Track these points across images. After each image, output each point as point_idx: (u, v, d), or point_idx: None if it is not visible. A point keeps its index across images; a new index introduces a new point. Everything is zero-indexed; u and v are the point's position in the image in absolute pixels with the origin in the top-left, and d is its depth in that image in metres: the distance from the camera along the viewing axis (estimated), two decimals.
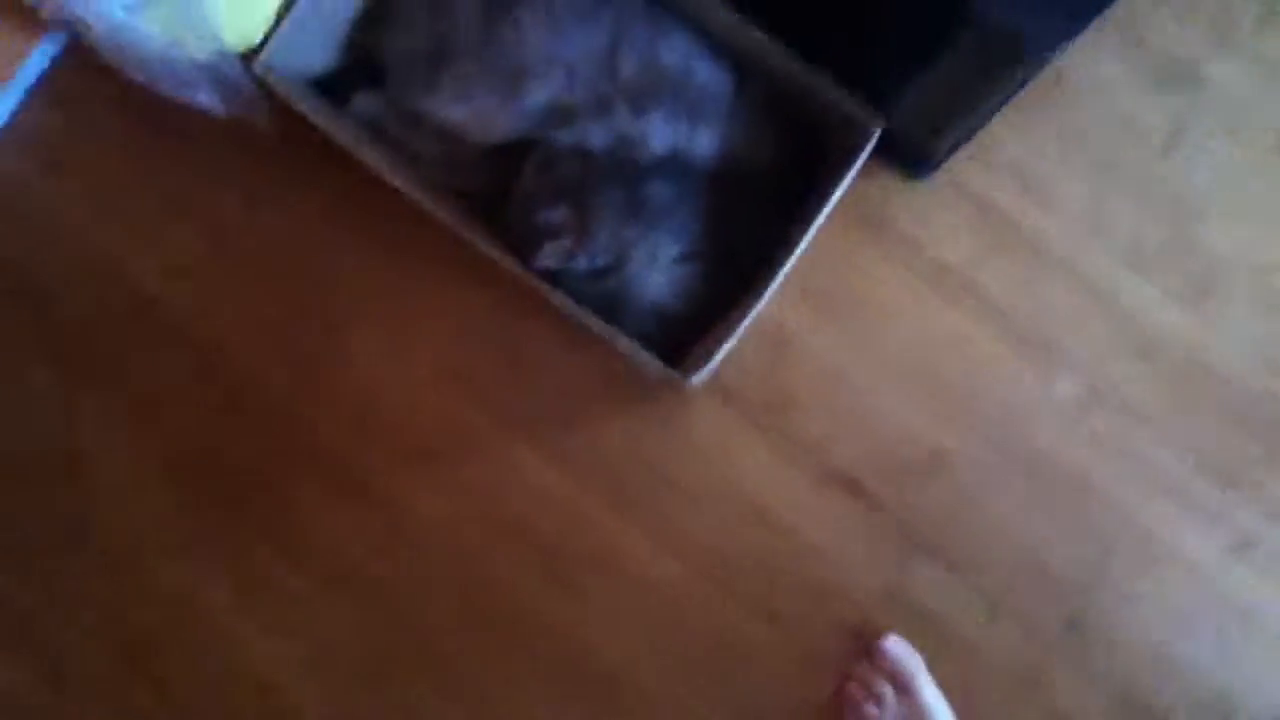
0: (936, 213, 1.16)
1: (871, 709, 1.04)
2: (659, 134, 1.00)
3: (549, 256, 0.95)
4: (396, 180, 0.97)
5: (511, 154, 1.03)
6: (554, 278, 0.97)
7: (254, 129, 1.03)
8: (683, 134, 1.01)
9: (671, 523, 1.13)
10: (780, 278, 0.96)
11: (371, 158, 0.98)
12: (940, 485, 1.13)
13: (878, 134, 0.97)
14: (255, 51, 0.98)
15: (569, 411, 1.14)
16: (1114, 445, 1.13)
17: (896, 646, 1.07)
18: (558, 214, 0.97)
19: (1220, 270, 1.16)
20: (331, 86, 1.08)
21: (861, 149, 0.98)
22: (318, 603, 1.13)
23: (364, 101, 1.06)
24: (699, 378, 0.95)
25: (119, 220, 1.16)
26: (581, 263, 0.96)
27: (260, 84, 0.98)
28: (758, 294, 0.96)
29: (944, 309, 1.15)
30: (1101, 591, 1.12)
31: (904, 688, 1.05)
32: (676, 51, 1.02)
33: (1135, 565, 1.12)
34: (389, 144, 1.06)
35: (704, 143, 1.02)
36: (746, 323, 0.96)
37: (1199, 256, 1.16)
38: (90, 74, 1.02)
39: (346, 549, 1.13)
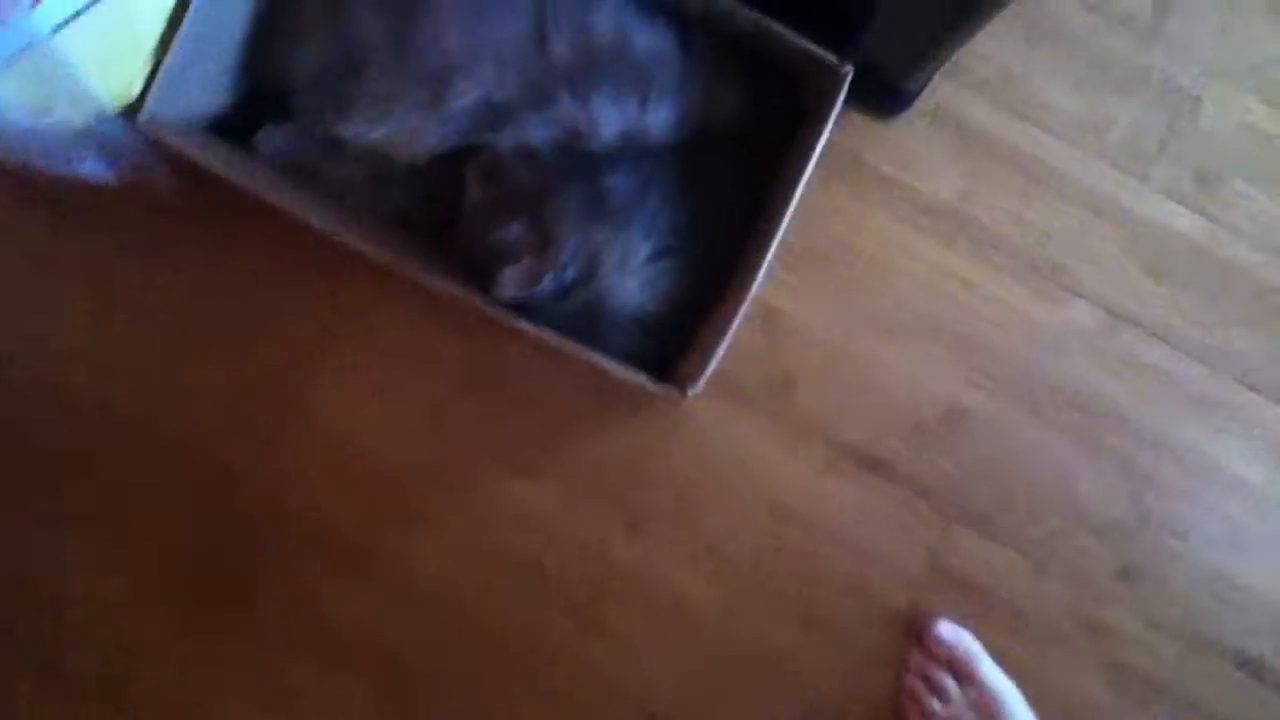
0: (916, 148, 1.06)
1: (934, 703, 0.97)
2: (608, 117, 0.89)
3: (512, 284, 0.84)
4: (322, 223, 0.85)
5: (450, 166, 0.92)
6: (520, 305, 0.86)
7: (155, 190, 0.91)
8: (633, 112, 0.90)
9: (686, 534, 1.04)
10: (766, 263, 0.86)
11: (290, 202, 0.86)
12: (964, 444, 1.05)
13: (848, 81, 0.86)
14: (137, 104, 0.85)
15: (560, 433, 1.04)
16: (1140, 368, 1.06)
17: (949, 631, 1.00)
18: (513, 230, 0.86)
19: (1225, 155, 1.07)
20: (232, 125, 0.95)
21: (832, 100, 0.87)
22: (334, 685, 1.03)
23: (271, 136, 0.94)
24: (697, 388, 0.86)
25: (30, 321, 1.04)
26: (548, 284, 0.85)
27: (149, 141, 0.85)
28: (745, 284, 0.86)
29: (939, 252, 1.06)
30: (1150, 529, 1.05)
31: (965, 674, 0.98)
32: (608, 19, 0.90)
33: (1181, 495, 1.05)
34: (308, 179, 0.94)
35: (659, 117, 0.91)
36: (739, 319, 0.86)
37: (1200, 145, 1.07)
38: None
39: (354, 624, 1.03)
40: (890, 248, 1.05)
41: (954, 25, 0.80)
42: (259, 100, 0.95)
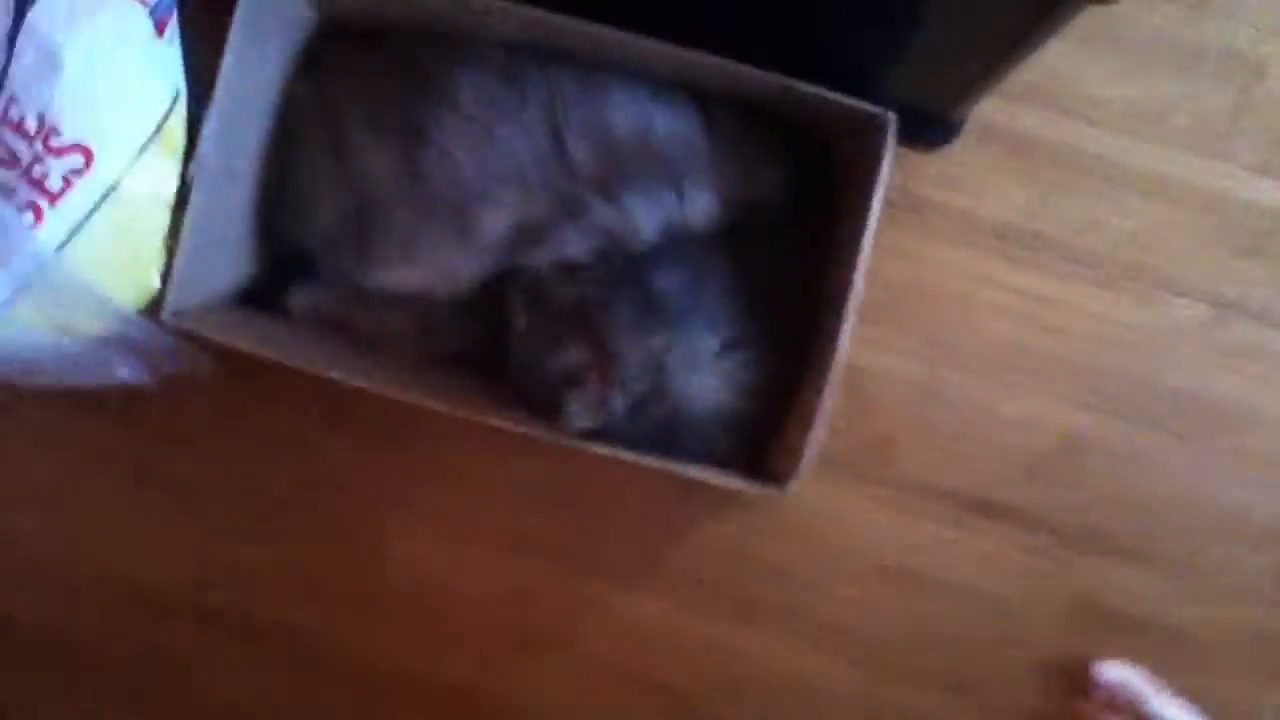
0: (970, 170, 0.99)
1: None
2: (646, 217, 0.84)
3: (581, 415, 0.78)
4: (369, 383, 0.81)
5: (494, 294, 0.87)
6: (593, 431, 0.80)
7: (195, 376, 0.87)
8: (671, 206, 0.84)
9: (810, 620, 0.97)
10: (844, 335, 0.80)
11: (333, 367, 0.81)
12: (1085, 472, 0.97)
13: (893, 129, 0.80)
14: (159, 300, 0.81)
15: (652, 539, 0.98)
16: (1257, 356, 0.97)
17: (1114, 672, 0.92)
18: (570, 354, 0.81)
19: None
20: (261, 291, 0.91)
21: (878, 152, 0.81)
22: None
23: (302, 298, 0.90)
24: (795, 482, 0.80)
25: (68, 515, 1.00)
26: (618, 404, 0.80)
27: (179, 334, 0.81)
28: (826, 361, 0.80)
29: (1017, 275, 0.99)
30: None
31: (1140, 715, 0.90)
32: (625, 110, 0.85)
33: None
34: (346, 334, 0.89)
35: (699, 206, 0.85)
36: (826, 399, 0.80)
37: (1274, 110, 0.99)
38: None
39: None
40: (963, 280, 0.98)
41: (1009, 53, 0.73)
42: (284, 262, 0.91)
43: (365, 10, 0.88)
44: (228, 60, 0.79)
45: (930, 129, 0.93)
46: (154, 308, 0.81)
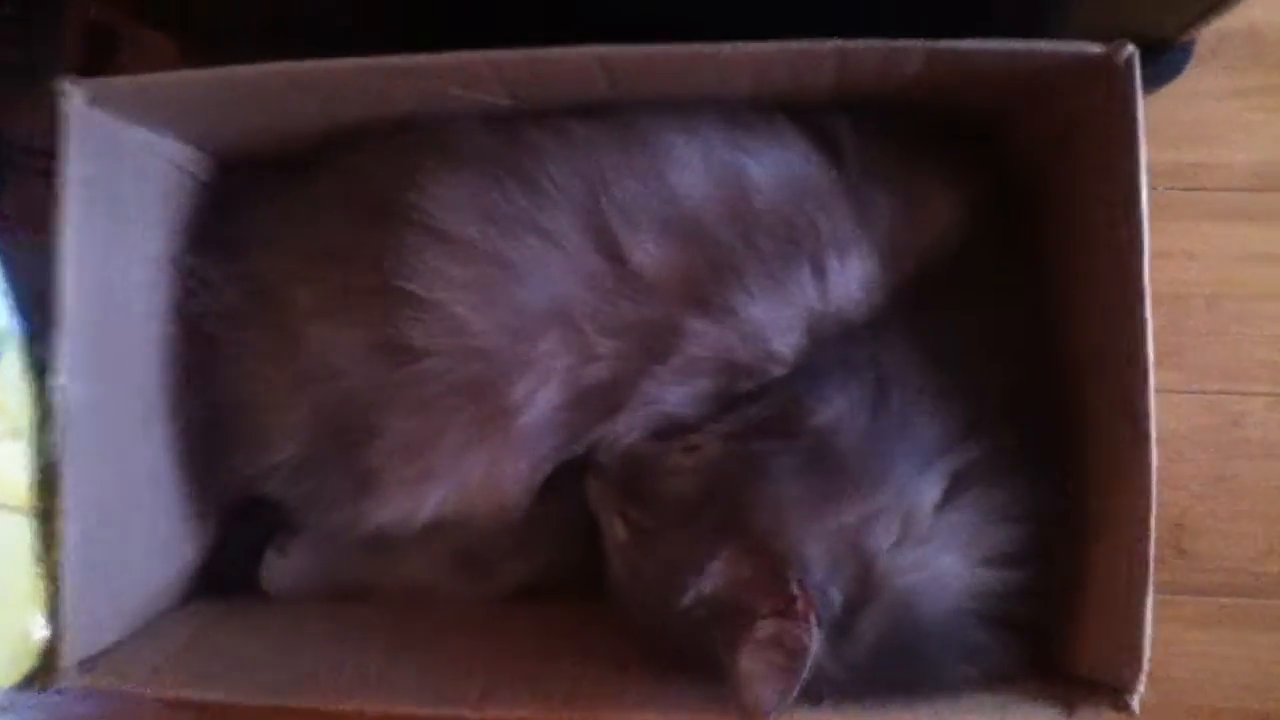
0: (1202, 109, 0.71)
1: None
2: (773, 317, 0.53)
3: (766, 685, 0.46)
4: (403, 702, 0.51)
5: (565, 491, 0.56)
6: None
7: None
8: (807, 290, 0.53)
9: None
10: (1152, 419, 0.47)
11: (339, 689, 0.51)
12: None
13: (1135, 67, 0.49)
14: (51, 655, 0.51)
15: None
16: None
17: None
18: (715, 573, 0.49)
19: None
20: (225, 565, 0.61)
21: (1122, 112, 0.51)
22: None
23: (279, 569, 0.60)
24: (1141, 691, 0.47)
25: None
26: (813, 639, 0.47)
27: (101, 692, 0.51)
28: (1134, 479, 0.48)
29: None
30: None
31: None
32: (696, 166, 0.54)
33: None
34: (362, 597, 0.59)
35: (848, 275, 0.53)
36: (1152, 531, 0.47)
37: None
38: None
39: None
40: (1236, 266, 0.69)
41: None
42: (243, 524, 0.61)
43: (276, 131, 0.58)
44: (66, 246, 0.50)
45: (1149, 64, 0.61)
46: (47, 667, 0.51)
